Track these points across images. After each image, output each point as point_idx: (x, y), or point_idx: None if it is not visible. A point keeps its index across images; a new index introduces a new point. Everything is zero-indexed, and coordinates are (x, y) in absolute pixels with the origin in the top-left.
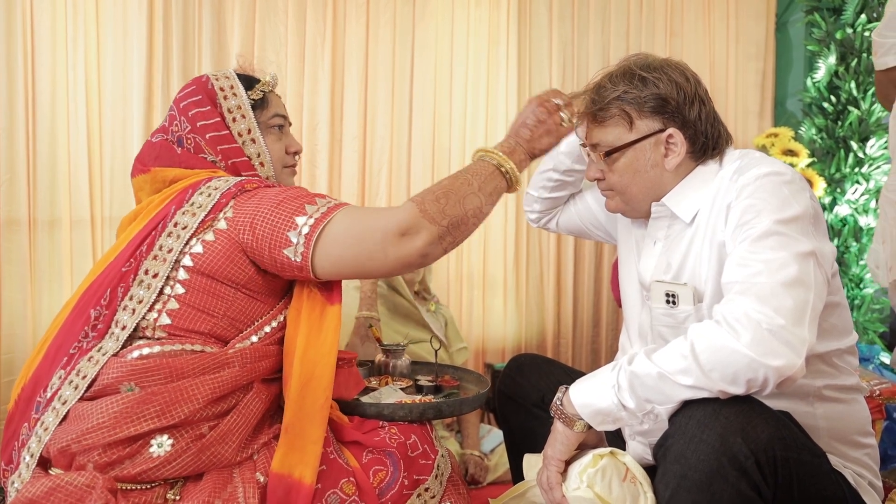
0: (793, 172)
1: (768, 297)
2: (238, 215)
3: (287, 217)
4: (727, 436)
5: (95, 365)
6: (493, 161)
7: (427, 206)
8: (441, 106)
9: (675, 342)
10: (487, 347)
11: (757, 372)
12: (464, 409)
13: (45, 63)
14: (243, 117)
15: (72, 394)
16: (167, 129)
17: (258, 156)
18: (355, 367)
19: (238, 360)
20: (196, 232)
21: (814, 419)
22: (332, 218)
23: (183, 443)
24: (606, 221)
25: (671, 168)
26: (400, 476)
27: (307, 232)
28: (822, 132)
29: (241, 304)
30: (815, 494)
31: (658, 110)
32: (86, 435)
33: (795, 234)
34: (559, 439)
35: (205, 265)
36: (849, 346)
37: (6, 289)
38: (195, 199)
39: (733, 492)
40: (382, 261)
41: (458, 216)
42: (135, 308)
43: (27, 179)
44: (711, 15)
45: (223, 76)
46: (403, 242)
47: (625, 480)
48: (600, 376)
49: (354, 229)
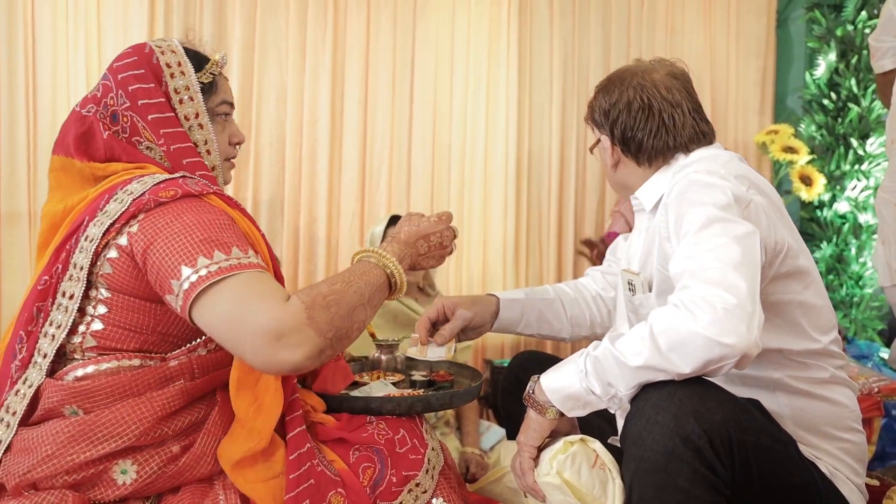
0: (728, 169)
1: (719, 279)
2: (139, 235)
3: (176, 262)
4: (681, 416)
5: (23, 399)
6: (387, 269)
7: (316, 312)
8: (441, 101)
9: (636, 327)
10: (486, 344)
11: (713, 350)
12: (454, 402)
13: (45, 57)
14: (191, 100)
15: (4, 432)
16: (99, 99)
17: (205, 143)
18: (342, 361)
19: (187, 371)
20: (100, 245)
21: (777, 407)
22: (217, 283)
23: (150, 467)
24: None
25: (609, 167)
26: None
27: (187, 288)
28: (822, 129)
29: (170, 319)
30: (779, 478)
31: (595, 121)
32: (37, 467)
33: (733, 217)
34: (532, 426)
35: (118, 284)
36: (820, 348)
37: (6, 282)
38: (108, 208)
39: (689, 471)
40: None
41: (345, 329)
42: (54, 334)
43: (27, 173)
44: (712, 12)
45: (169, 49)
46: (278, 348)
47: (594, 467)
48: (569, 362)
49: (231, 311)
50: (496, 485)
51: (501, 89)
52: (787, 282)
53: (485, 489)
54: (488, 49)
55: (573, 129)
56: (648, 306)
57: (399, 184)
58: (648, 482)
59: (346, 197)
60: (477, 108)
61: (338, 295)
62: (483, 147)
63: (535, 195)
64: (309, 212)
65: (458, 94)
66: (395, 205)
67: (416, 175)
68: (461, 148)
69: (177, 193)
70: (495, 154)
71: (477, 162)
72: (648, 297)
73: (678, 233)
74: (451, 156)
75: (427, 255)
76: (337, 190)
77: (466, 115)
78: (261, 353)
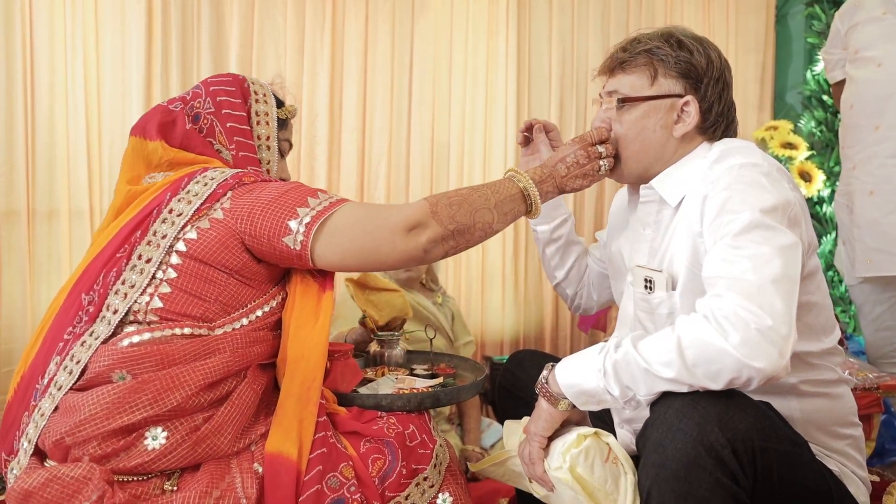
0: (770, 163)
1: (756, 295)
2: (235, 206)
3: (289, 207)
4: (704, 425)
5: (88, 349)
6: (521, 183)
7: (439, 207)
8: (440, 98)
9: (662, 333)
10: (486, 340)
11: (741, 372)
12: (462, 396)
13: (43, 54)
14: (268, 124)
15: (66, 379)
16: (187, 101)
17: (268, 163)
18: (352, 359)
19: (229, 345)
20: (191, 219)
21: (789, 410)
22: (336, 210)
23: (178, 435)
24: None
25: (678, 136)
26: (398, 465)
27: (308, 221)
28: (821, 125)
29: (234, 290)
30: (796, 484)
31: (684, 75)
32: (79, 427)
33: (777, 224)
34: (543, 416)
35: (198, 251)
36: (829, 346)
37: (5, 279)
38: (191, 188)
39: (711, 480)
40: (389, 253)
41: (466, 225)
42: (126, 292)
43: (26, 170)
44: (711, 7)
45: (259, 83)
46: (410, 237)
47: (607, 461)
48: (587, 357)
49: (363, 222)
50: (499, 467)
51: (500, 85)
52: (806, 282)
53: (487, 470)
54: (487, 45)
55: (571, 125)
56: (670, 306)
57: (398, 180)
58: (668, 490)
59: (345, 193)
60: (475, 103)
61: (461, 196)
62: (482, 143)
63: None
64: None
65: (457, 89)
66: (394, 202)
67: (414, 171)
68: (460, 144)
69: (257, 178)
70: (494, 150)
71: (475, 158)
72: (672, 296)
73: (717, 230)
74: (450, 152)
75: (569, 177)
76: (336, 187)
77: (465, 111)
78: (400, 243)
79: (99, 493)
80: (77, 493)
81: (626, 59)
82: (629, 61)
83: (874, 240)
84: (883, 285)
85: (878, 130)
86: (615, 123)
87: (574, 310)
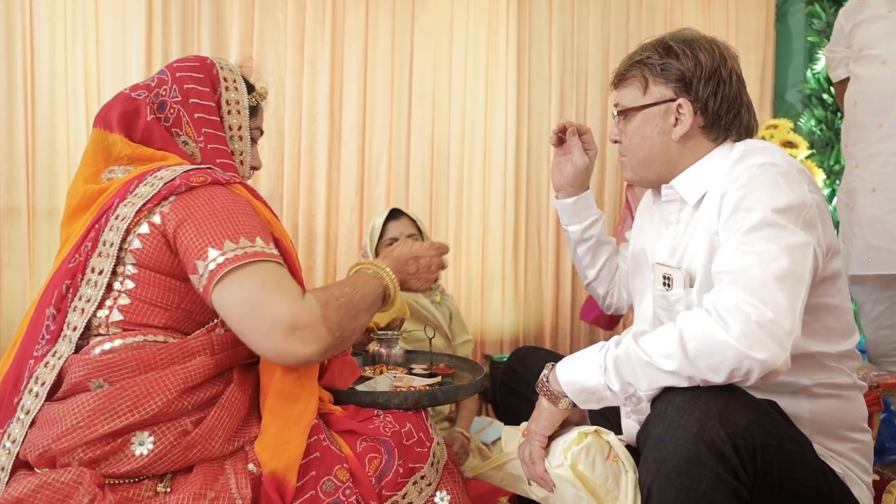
0: (790, 163)
1: (759, 290)
2: (171, 214)
3: (203, 243)
4: (705, 420)
5: (52, 370)
6: (384, 282)
7: (330, 311)
8: (440, 96)
9: (663, 328)
10: (486, 339)
11: (741, 363)
12: (459, 395)
13: (43, 52)
14: (238, 113)
15: (33, 402)
16: (152, 88)
17: (241, 154)
18: (349, 356)
19: (207, 348)
20: (132, 223)
21: (798, 410)
22: (240, 267)
23: (166, 440)
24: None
25: (676, 138)
26: (395, 464)
27: (213, 268)
28: (821, 124)
29: (194, 297)
30: (796, 482)
31: (673, 79)
32: (63, 437)
33: (789, 224)
34: (543, 415)
35: (146, 259)
36: (847, 349)
37: (5, 277)
38: (139, 190)
39: (711, 475)
40: (259, 342)
41: (350, 331)
42: (83, 308)
43: (26, 168)
44: (711, 6)
45: (228, 68)
46: (291, 340)
47: (608, 459)
48: (588, 355)
49: (252, 297)
50: (498, 471)
51: (500, 84)
52: (825, 284)
53: (485, 475)
54: (487, 43)
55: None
56: (687, 303)
57: (398, 179)
58: (669, 485)
59: (345, 192)
60: (476, 102)
61: (347, 298)
62: (482, 142)
63: (534, 190)
64: (308, 207)
65: (457, 88)
66: (394, 200)
67: (414, 170)
68: (460, 143)
69: (206, 179)
70: (494, 149)
71: (476, 157)
72: (689, 293)
73: (730, 228)
74: (450, 151)
75: (415, 276)
76: (336, 185)
77: (465, 110)
78: (273, 341)
79: (90, 496)
80: (68, 498)
81: (623, 72)
82: (624, 74)
83: (875, 237)
84: (884, 284)
85: (882, 128)
86: (622, 135)
87: (606, 309)
